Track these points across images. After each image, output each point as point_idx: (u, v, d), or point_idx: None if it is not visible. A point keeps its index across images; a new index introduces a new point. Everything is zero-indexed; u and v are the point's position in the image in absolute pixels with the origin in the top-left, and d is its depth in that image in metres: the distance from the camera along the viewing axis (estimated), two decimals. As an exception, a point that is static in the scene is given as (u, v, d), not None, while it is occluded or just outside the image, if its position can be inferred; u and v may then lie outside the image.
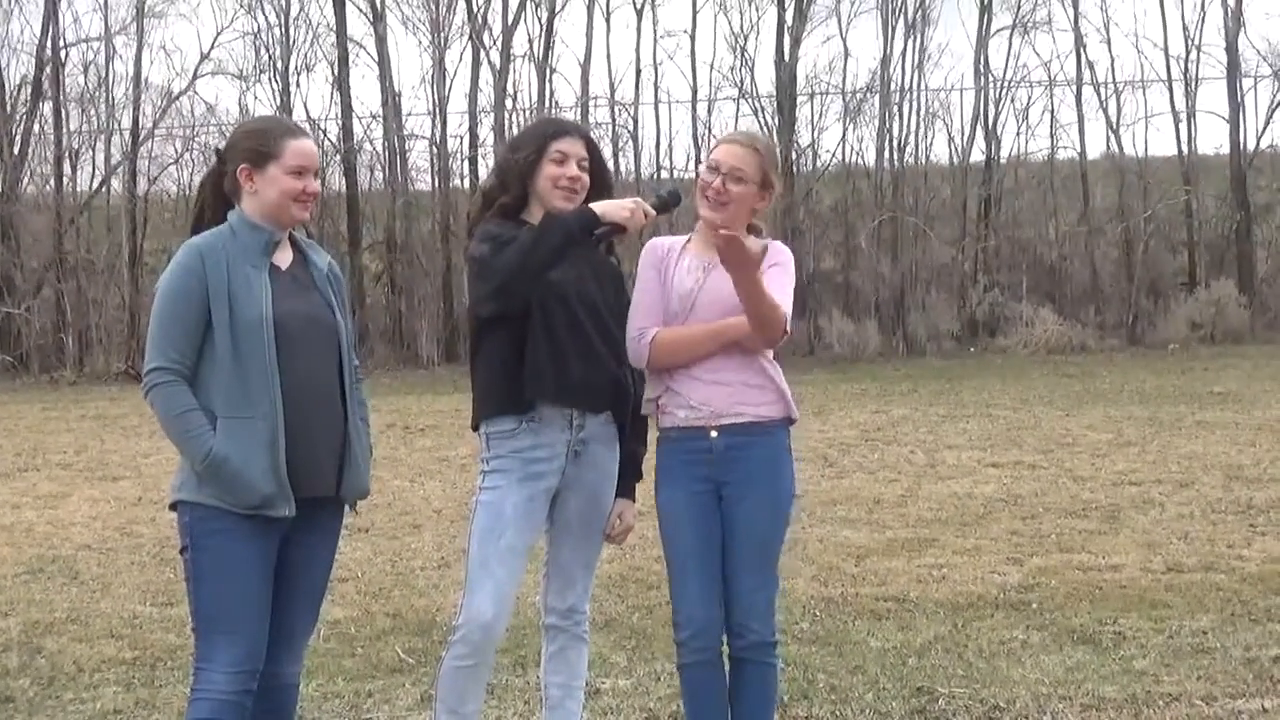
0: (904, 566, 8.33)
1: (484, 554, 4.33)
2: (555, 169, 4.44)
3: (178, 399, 3.97)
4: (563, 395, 4.39)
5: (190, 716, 3.99)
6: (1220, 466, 11.99)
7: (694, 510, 4.36)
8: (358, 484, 4.20)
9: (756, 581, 4.31)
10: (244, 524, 3.96)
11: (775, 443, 4.37)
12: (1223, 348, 27.25)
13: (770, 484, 4.33)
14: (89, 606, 7.66)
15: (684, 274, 4.42)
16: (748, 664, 4.34)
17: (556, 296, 4.39)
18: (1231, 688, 5.80)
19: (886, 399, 18.49)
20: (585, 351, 4.40)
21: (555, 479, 4.42)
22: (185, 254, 4.05)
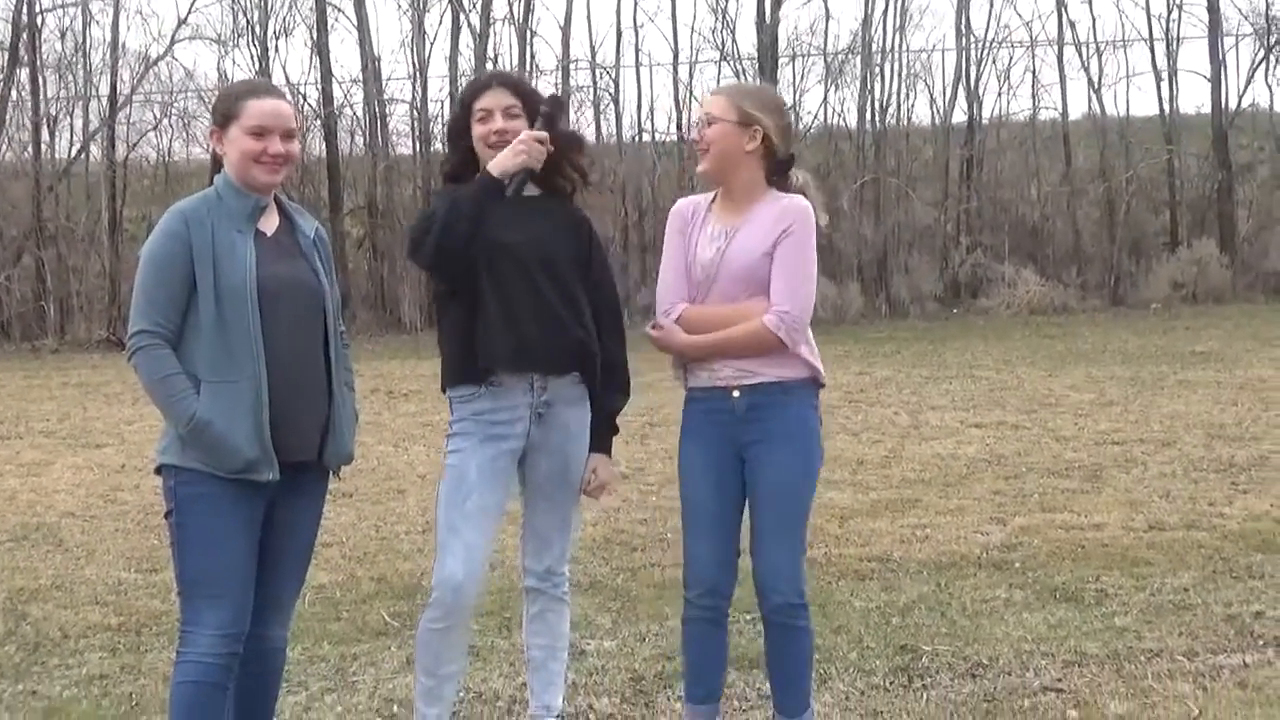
0: (888, 527, 8.37)
1: (451, 517, 4.34)
2: (481, 127, 4.43)
3: (161, 363, 3.96)
4: (518, 361, 4.38)
5: (177, 680, 3.99)
6: (1202, 425, 12.05)
7: (712, 469, 4.36)
8: (341, 449, 4.19)
9: (780, 543, 4.30)
10: (228, 488, 3.96)
11: (799, 403, 4.31)
12: (1204, 307, 27.33)
13: (793, 444, 4.29)
14: (74, 573, 7.65)
15: (706, 242, 4.37)
16: (775, 626, 4.36)
17: (512, 260, 4.37)
18: (1213, 643, 5.84)
19: (869, 361, 18.52)
20: (543, 314, 4.38)
21: (519, 441, 4.41)
22: (170, 218, 4.04)
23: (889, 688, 5.41)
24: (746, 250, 4.27)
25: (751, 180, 4.35)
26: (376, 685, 5.58)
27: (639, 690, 5.45)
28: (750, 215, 4.31)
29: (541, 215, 4.48)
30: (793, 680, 4.40)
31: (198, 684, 3.95)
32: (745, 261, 4.26)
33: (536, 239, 4.42)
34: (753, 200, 4.34)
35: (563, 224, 4.51)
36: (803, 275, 4.26)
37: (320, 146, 31.42)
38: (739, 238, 4.29)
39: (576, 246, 4.51)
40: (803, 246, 4.27)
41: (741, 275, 4.27)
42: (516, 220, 4.41)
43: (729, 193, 4.38)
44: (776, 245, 4.25)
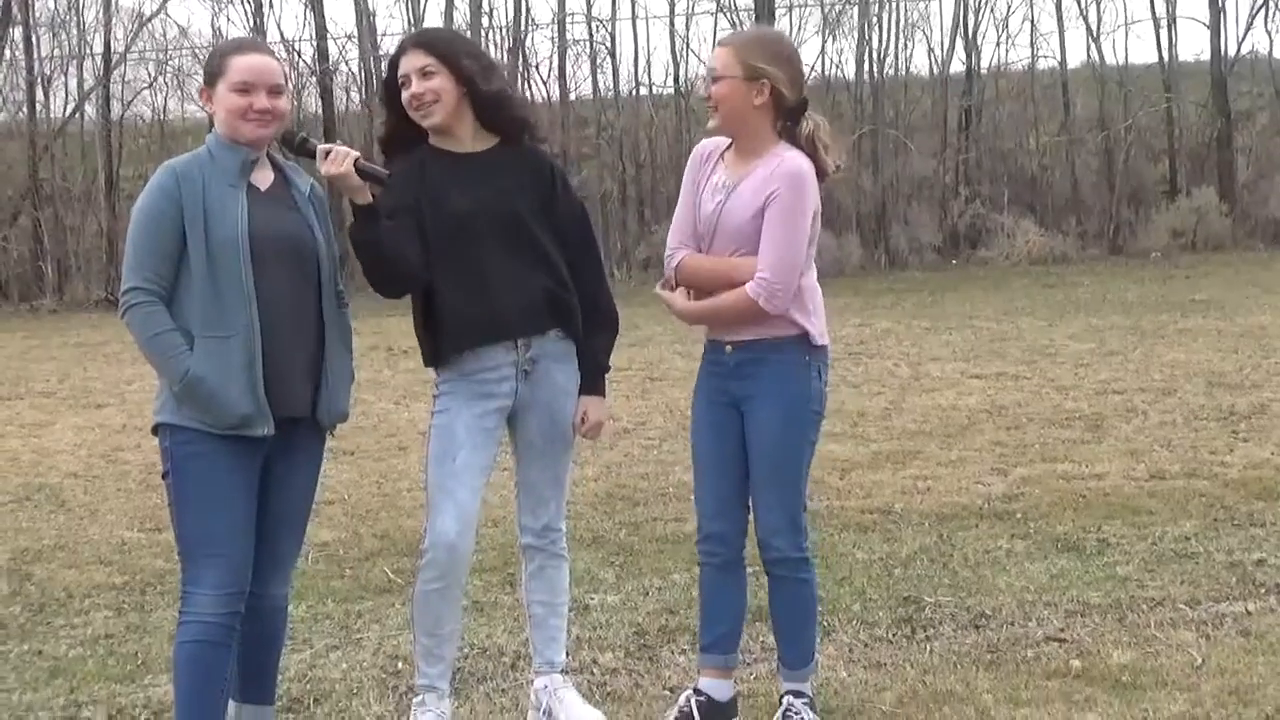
0: (889, 479, 8.38)
1: (440, 477, 4.33)
2: (404, 94, 4.38)
3: (154, 320, 3.96)
4: (494, 332, 4.35)
5: (180, 640, 4.01)
6: (1202, 373, 12.04)
7: (714, 421, 4.40)
8: (335, 407, 4.18)
9: (772, 496, 4.32)
10: (224, 445, 3.96)
11: (788, 359, 4.30)
12: (1204, 255, 27.29)
13: (782, 399, 4.29)
14: (77, 533, 7.67)
15: (710, 194, 4.35)
16: (776, 579, 4.40)
17: (468, 229, 4.32)
18: (1215, 591, 5.86)
19: (869, 313, 18.50)
20: (510, 276, 4.34)
21: (507, 399, 4.40)
22: (161, 175, 4.04)
23: (892, 639, 5.43)
24: (741, 207, 4.26)
25: (760, 133, 4.30)
26: (381, 642, 5.59)
27: (642, 644, 5.46)
28: (752, 169, 4.29)
29: (498, 168, 4.41)
30: (795, 633, 4.42)
31: (200, 644, 3.96)
32: (740, 218, 4.25)
33: (495, 196, 4.36)
34: (759, 153, 4.31)
35: (521, 173, 4.43)
36: (787, 242, 4.19)
37: (316, 103, 31.28)
38: (738, 192, 4.28)
39: (538, 193, 4.43)
40: (789, 211, 4.19)
41: (735, 232, 4.27)
42: (470, 183, 4.35)
43: (738, 144, 4.36)
44: (766, 207, 4.21)
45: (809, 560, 4.42)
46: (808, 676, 4.42)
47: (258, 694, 4.24)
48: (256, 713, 4.24)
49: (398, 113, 4.44)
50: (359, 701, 4.92)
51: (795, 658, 4.41)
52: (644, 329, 15.53)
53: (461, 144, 4.42)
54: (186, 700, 3.99)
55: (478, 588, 6.07)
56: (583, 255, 4.52)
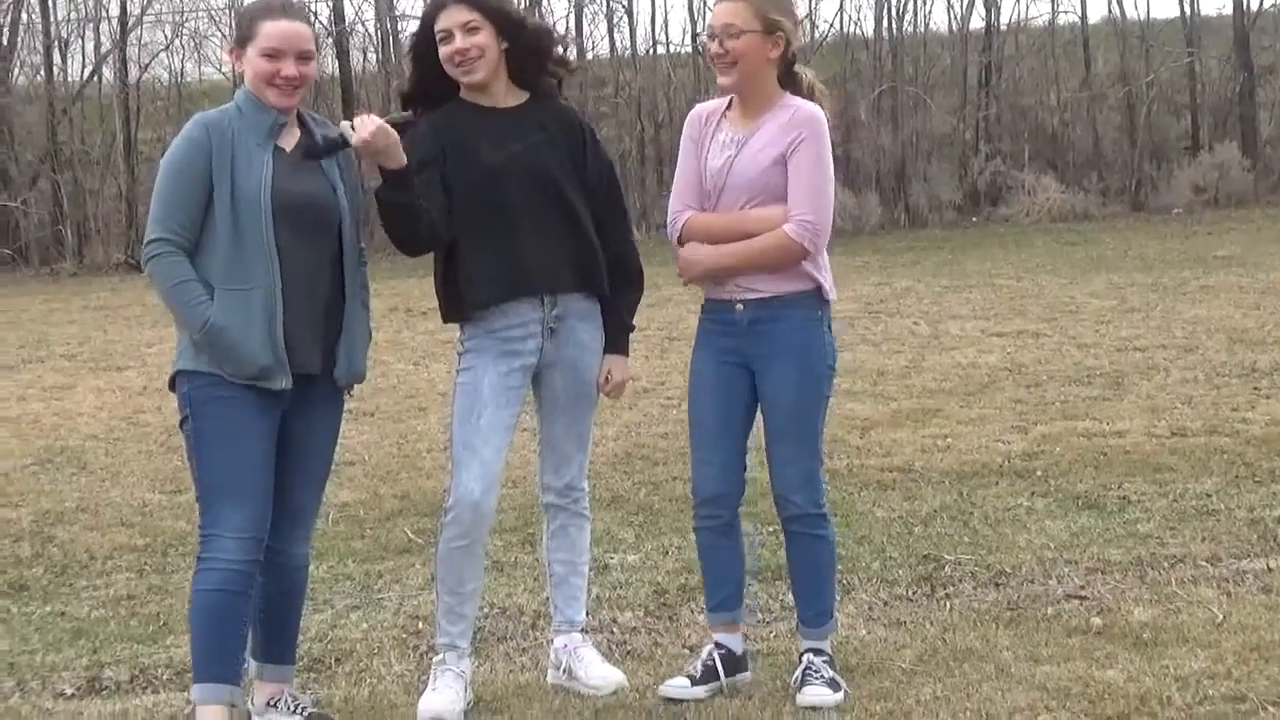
0: (909, 437, 8.36)
1: (465, 434, 4.34)
2: (444, 49, 4.35)
3: (177, 269, 3.99)
4: (520, 288, 4.35)
5: (199, 587, 4.02)
6: (1224, 330, 11.97)
7: (719, 380, 4.37)
8: (353, 367, 4.20)
9: (790, 453, 4.31)
10: (243, 393, 3.99)
11: (803, 315, 4.30)
12: (1226, 211, 27.09)
13: (798, 355, 4.29)
14: (99, 495, 7.70)
15: (718, 150, 4.33)
16: (794, 535, 4.40)
17: (498, 183, 4.31)
18: (1236, 548, 5.84)
19: (889, 271, 18.42)
20: (538, 232, 4.33)
21: (533, 357, 4.39)
22: (192, 127, 4.06)
23: (912, 597, 5.43)
24: (756, 158, 4.25)
25: (768, 86, 4.31)
26: (402, 602, 5.61)
27: (662, 603, 5.47)
28: (763, 122, 4.28)
29: (529, 125, 4.40)
30: (814, 591, 4.42)
31: (222, 592, 3.98)
32: (754, 170, 4.24)
33: (523, 154, 4.35)
34: (768, 106, 4.30)
35: (552, 128, 4.43)
36: (821, 182, 4.24)
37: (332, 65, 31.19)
38: (750, 146, 4.27)
39: (569, 150, 4.43)
40: (818, 153, 4.24)
41: (747, 184, 4.26)
42: (502, 136, 4.35)
43: (745, 100, 4.33)
44: (790, 154, 4.22)
45: (827, 517, 4.41)
46: (827, 635, 4.42)
47: (278, 653, 4.26)
48: (277, 671, 4.26)
49: (426, 68, 4.42)
50: (380, 661, 4.95)
51: (814, 616, 4.41)
52: (664, 289, 15.48)
53: (494, 99, 4.41)
54: (205, 649, 4.03)
55: (497, 548, 6.08)
56: (611, 214, 4.52)
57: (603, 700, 4.36)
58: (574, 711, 4.28)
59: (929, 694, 4.25)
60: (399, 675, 4.79)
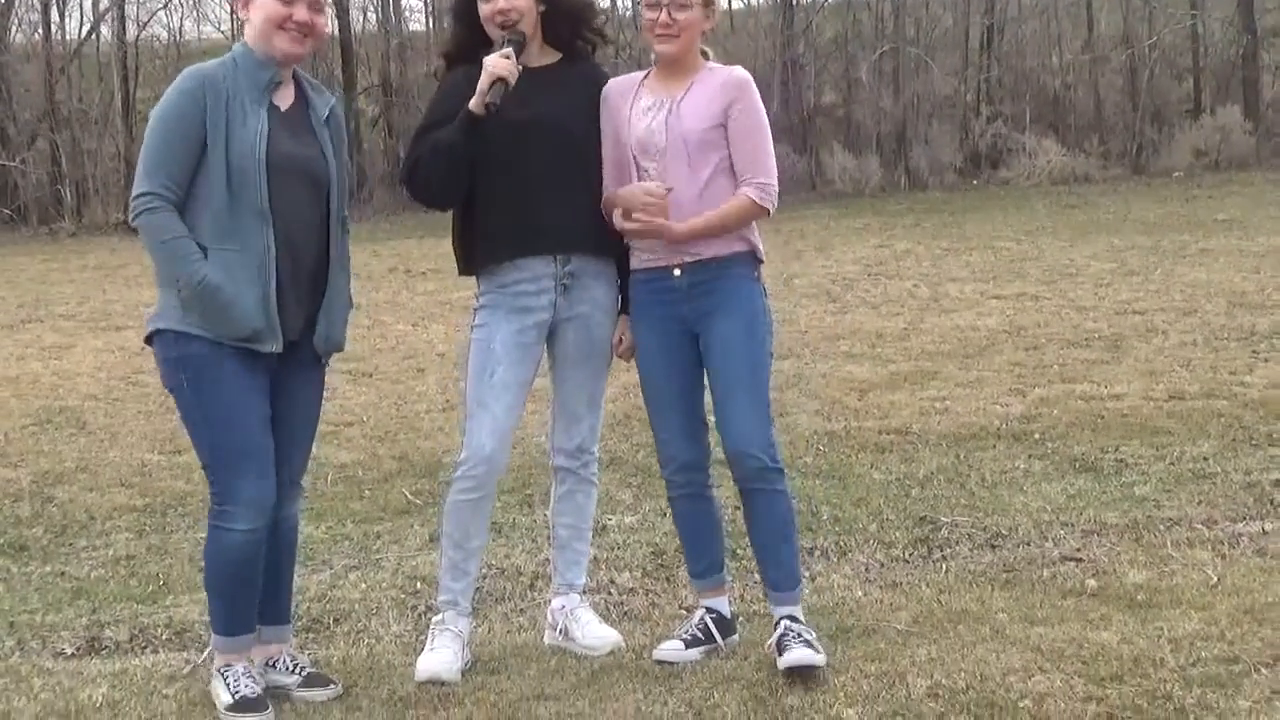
0: (907, 400, 8.37)
1: (478, 391, 4.37)
2: (486, 7, 4.36)
3: (168, 225, 3.93)
4: (532, 245, 4.36)
5: (221, 556, 4.06)
6: (1223, 293, 11.98)
7: (666, 349, 4.38)
8: (333, 334, 4.17)
9: (740, 409, 4.29)
10: (233, 356, 3.96)
11: (739, 274, 4.35)
12: (1227, 175, 27.03)
13: (741, 311, 4.31)
14: (98, 456, 7.72)
15: (640, 115, 4.36)
16: (752, 493, 4.36)
17: (521, 139, 4.32)
18: (1232, 511, 5.86)
19: (889, 233, 18.42)
20: (557, 192, 4.35)
21: (546, 313, 4.40)
22: (187, 79, 3.99)
23: (908, 559, 5.44)
24: (695, 120, 4.30)
25: (695, 55, 4.42)
26: (400, 562, 5.63)
27: (660, 564, 5.49)
28: (687, 87, 4.35)
29: (558, 85, 4.42)
30: (776, 551, 4.36)
31: (240, 558, 4.04)
32: (695, 125, 4.29)
33: (549, 113, 4.37)
34: (692, 70, 4.38)
35: (580, 89, 4.45)
36: (767, 144, 4.36)
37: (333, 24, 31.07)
38: (686, 105, 4.31)
39: (594, 113, 4.45)
40: (757, 115, 4.35)
41: (686, 141, 4.29)
42: (531, 94, 4.35)
43: (674, 68, 4.40)
44: (730, 117, 4.30)
45: (784, 471, 4.40)
46: (798, 599, 4.38)
47: (274, 614, 4.28)
48: (275, 632, 4.29)
49: (466, 26, 4.44)
50: (378, 621, 4.97)
51: (781, 578, 4.36)
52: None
53: (527, 58, 4.41)
54: (230, 608, 4.10)
55: (496, 509, 6.08)
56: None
57: (599, 661, 4.38)
58: (571, 672, 4.30)
59: (924, 655, 4.27)
60: (397, 635, 4.81)
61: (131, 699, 4.25)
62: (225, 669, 4.11)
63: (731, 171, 4.32)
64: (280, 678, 4.24)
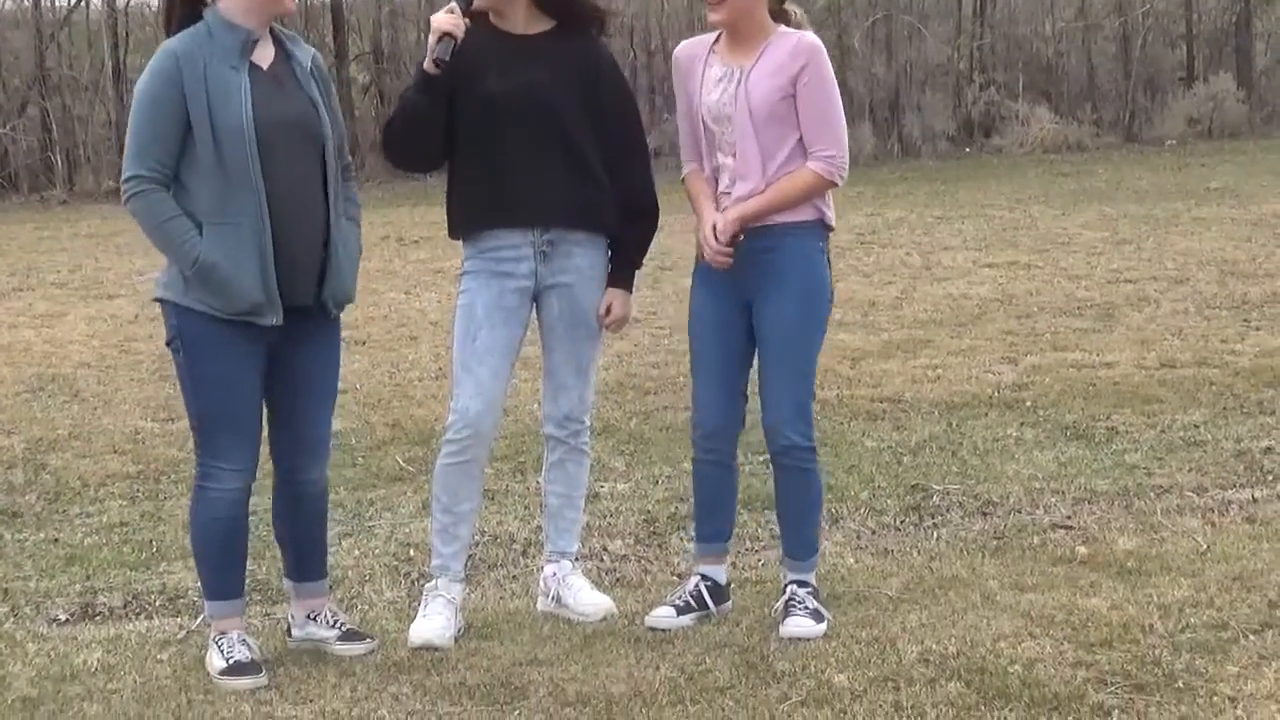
0: (899, 368, 8.38)
1: (463, 355, 4.40)
2: None
3: (161, 207, 3.96)
4: (503, 219, 4.37)
5: (205, 515, 4.14)
6: (1216, 262, 11.98)
7: (717, 314, 4.38)
8: (341, 288, 4.19)
9: (783, 385, 4.31)
10: (232, 328, 4.00)
11: (803, 245, 4.30)
12: (1220, 143, 27.01)
13: (795, 285, 4.28)
14: (91, 423, 7.71)
15: (711, 85, 4.31)
16: (783, 469, 4.40)
17: (498, 112, 4.32)
18: (1222, 479, 5.88)
19: (881, 201, 18.38)
20: (532, 168, 4.34)
21: (527, 280, 4.41)
22: (160, 59, 4.00)
23: (900, 526, 5.47)
24: (764, 90, 4.22)
25: (760, 19, 4.29)
26: (393, 529, 5.65)
27: (652, 532, 5.51)
28: (760, 53, 4.25)
29: (544, 56, 4.38)
30: (800, 524, 4.44)
31: (227, 519, 4.12)
32: (761, 100, 4.22)
33: (530, 85, 4.33)
34: (762, 38, 4.27)
35: (566, 60, 4.40)
36: (834, 113, 4.28)
37: (324, -9, 30.88)
38: (754, 76, 4.23)
39: (579, 86, 4.40)
40: (826, 85, 4.26)
41: (754, 115, 4.22)
42: (514, 66, 4.33)
43: (738, 34, 4.30)
44: (798, 87, 4.21)
45: (816, 451, 4.43)
46: (812, 568, 4.44)
47: (308, 571, 4.37)
48: (312, 588, 4.38)
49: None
50: (371, 587, 4.99)
51: (799, 548, 4.43)
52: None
53: (513, 25, 4.38)
54: (218, 570, 4.17)
55: (489, 476, 6.09)
56: (624, 152, 4.50)
57: (592, 627, 4.41)
58: (563, 637, 4.33)
59: (914, 621, 4.29)
60: (390, 602, 4.83)
61: (126, 664, 4.28)
62: (219, 637, 4.14)
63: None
64: (320, 631, 4.32)
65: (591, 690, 3.87)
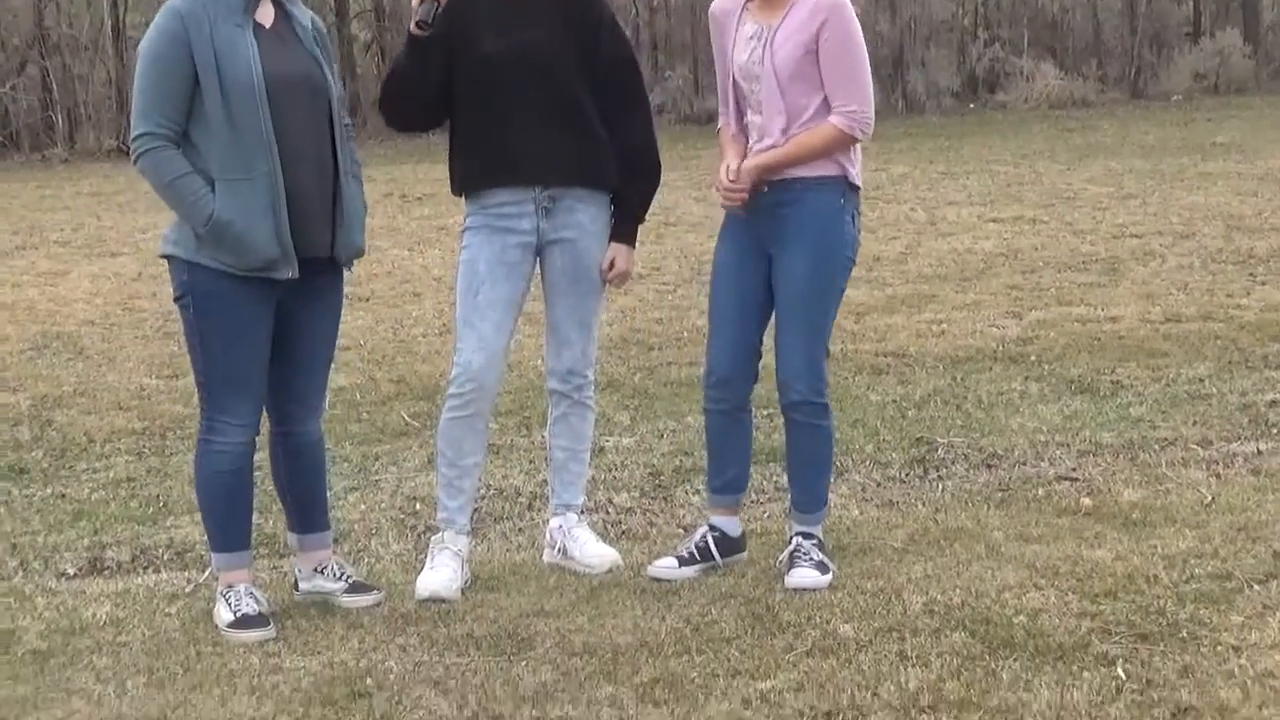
0: (904, 322, 8.38)
1: (466, 311, 4.40)
2: None
3: (171, 164, 3.96)
4: (503, 178, 4.37)
5: (211, 468, 4.15)
6: (1221, 217, 11.96)
7: (737, 265, 4.38)
8: (351, 242, 4.21)
9: (797, 341, 4.31)
10: (245, 285, 4.00)
11: (825, 201, 4.28)
12: (1226, 98, 26.90)
13: (816, 241, 4.27)
14: (96, 380, 7.73)
15: (743, 44, 4.30)
16: (794, 423, 4.41)
17: (494, 72, 4.30)
18: (1227, 432, 5.89)
19: (886, 157, 18.32)
20: (531, 126, 4.33)
21: (529, 235, 4.41)
22: (165, 17, 3.99)
23: (905, 479, 5.48)
24: (785, 48, 4.21)
25: None
26: (399, 484, 5.66)
27: (657, 485, 5.52)
28: (786, 13, 4.24)
29: (544, 13, 4.37)
30: (809, 478, 4.44)
31: (233, 472, 4.14)
32: (785, 61, 4.21)
33: (528, 44, 4.32)
34: None
35: (563, 17, 4.39)
36: (857, 67, 4.25)
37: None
38: (778, 37, 4.23)
39: (578, 42, 4.39)
40: (849, 39, 4.24)
41: (779, 76, 4.22)
42: (508, 23, 4.33)
43: None
44: (819, 45, 4.20)
45: (828, 407, 4.43)
46: (819, 521, 4.45)
47: (311, 523, 4.39)
48: (316, 539, 4.40)
49: None
50: (378, 541, 5.00)
51: (808, 502, 4.44)
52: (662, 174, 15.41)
53: None
54: (225, 523, 4.19)
55: (494, 430, 6.10)
56: (625, 108, 4.49)
57: (598, 578, 4.42)
58: (570, 589, 4.34)
59: (919, 572, 4.31)
60: (397, 555, 4.84)
61: (135, 617, 4.30)
62: (227, 590, 4.16)
63: None
64: (327, 583, 4.34)
65: (598, 641, 3.89)
